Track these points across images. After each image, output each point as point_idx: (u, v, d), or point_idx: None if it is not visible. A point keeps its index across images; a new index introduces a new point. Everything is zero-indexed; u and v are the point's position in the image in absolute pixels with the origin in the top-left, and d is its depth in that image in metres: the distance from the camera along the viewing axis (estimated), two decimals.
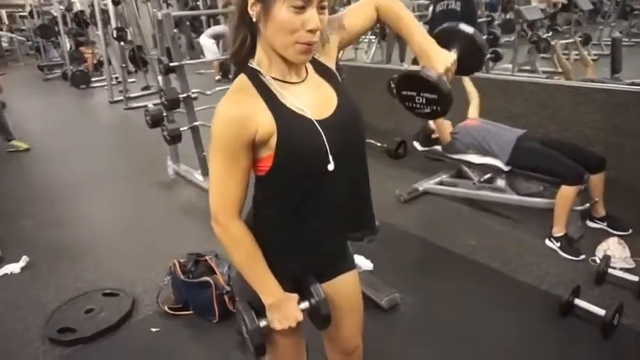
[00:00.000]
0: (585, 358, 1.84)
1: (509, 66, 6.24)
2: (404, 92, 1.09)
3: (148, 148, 4.68)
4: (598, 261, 2.32)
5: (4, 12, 19.90)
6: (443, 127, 2.99)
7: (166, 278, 2.33)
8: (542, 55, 5.99)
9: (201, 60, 6.81)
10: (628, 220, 2.61)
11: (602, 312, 1.86)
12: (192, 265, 2.28)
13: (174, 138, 3.57)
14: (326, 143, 0.94)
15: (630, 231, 2.56)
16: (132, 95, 7.20)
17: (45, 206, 3.64)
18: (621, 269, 2.22)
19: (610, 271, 2.18)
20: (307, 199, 1.00)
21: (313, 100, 0.99)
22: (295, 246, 1.06)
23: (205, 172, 3.75)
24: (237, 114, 0.92)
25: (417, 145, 3.24)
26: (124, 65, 7.13)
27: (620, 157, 2.58)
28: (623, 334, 1.86)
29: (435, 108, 1.06)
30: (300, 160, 0.95)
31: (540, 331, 1.97)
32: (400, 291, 2.20)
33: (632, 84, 3.93)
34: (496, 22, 6.80)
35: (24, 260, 2.76)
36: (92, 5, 8.30)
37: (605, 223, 2.63)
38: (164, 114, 3.60)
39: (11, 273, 2.69)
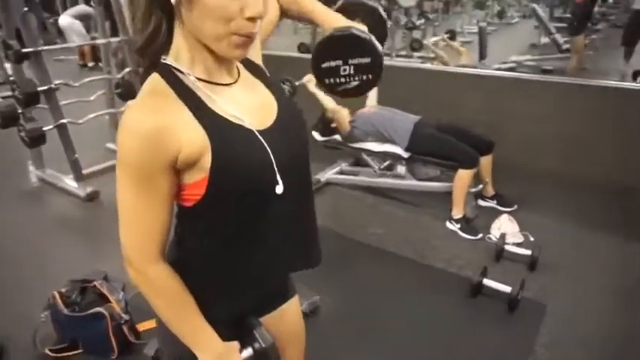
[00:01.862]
0: (496, 333, 1.95)
1: (387, 51, 6.55)
2: (325, 65, 0.91)
3: (4, 148, 3.92)
4: (494, 238, 2.49)
5: None
6: (341, 115, 2.96)
7: (44, 314, 1.94)
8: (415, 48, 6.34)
9: (66, 45, 5.90)
10: (513, 197, 2.86)
11: (508, 289, 1.99)
12: (78, 295, 1.93)
13: (36, 140, 2.99)
14: (273, 160, 0.76)
15: (516, 206, 2.80)
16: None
17: None
18: (514, 244, 2.40)
19: (505, 247, 2.34)
20: (248, 229, 0.81)
21: (250, 105, 0.80)
22: (233, 286, 0.87)
23: (79, 177, 3.25)
24: (152, 125, 0.69)
25: (316, 135, 3.16)
26: None
27: (500, 137, 2.81)
28: (524, 306, 2.02)
29: (365, 77, 0.90)
30: (243, 183, 0.75)
31: (454, 313, 2.06)
32: (317, 291, 2.11)
33: (499, 69, 4.34)
34: None
35: None
36: None
37: (495, 202, 2.84)
38: (19, 111, 3.01)
39: None
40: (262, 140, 0.76)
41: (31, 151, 3.31)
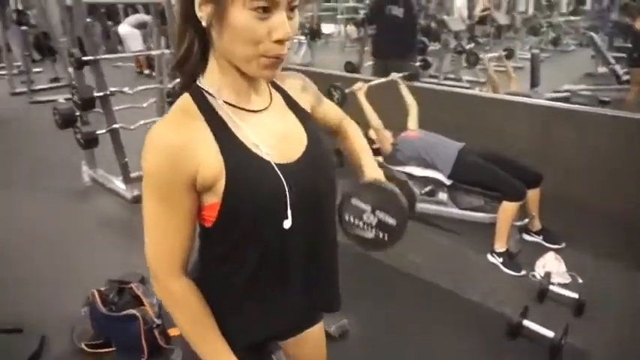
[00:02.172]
0: None
1: (433, 74, 6.48)
2: (354, 201, 0.88)
3: (58, 149, 4.13)
4: (538, 276, 2.37)
5: None
6: (384, 137, 2.93)
7: (83, 310, 2.01)
8: (467, 66, 6.24)
9: (123, 55, 6.23)
10: (561, 233, 2.72)
11: (550, 334, 1.88)
12: (115, 295, 1.99)
13: (89, 142, 3.15)
14: (287, 195, 0.75)
15: (564, 244, 2.66)
16: (38, 87, 6.44)
17: None
18: (559, 284, 2.28)
19: (550, 287, 2.22)
20: (260, 260, 0.80)
21: (276, 135, 0.79)
22: (249, 313, 0.86)
23: (127, 179, 3.38)
24: (173, 143, 0.71)
25: None
26: (26, 53, 6.34)
27: (549, 170, 2.70)
28: (568, 353, 1.89)
29: (382, 235, 0.87)
30: (253, 213, 0.75)
31: (488, 353, 1.96)
32: (347, 315, 2.08)
33: (554, 99, 4.19)
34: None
35: None
36: None
37: (541, 237, 2.72)
38: (77, 114, 3.18)
39: None
40: (279, 173, 0.75)
41: (85, 152, 3.47)
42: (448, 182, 2.73)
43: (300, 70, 4.87)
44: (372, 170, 0.98)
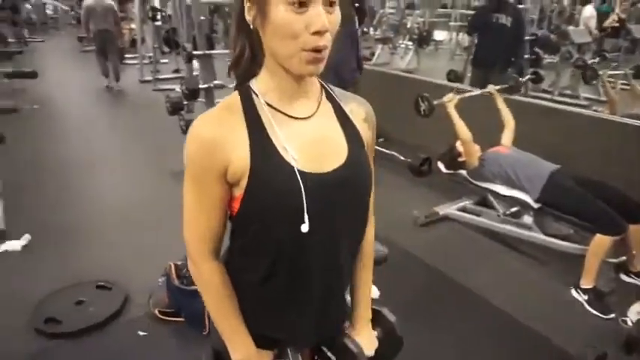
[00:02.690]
0: None
1: (547, 89, 5.99)
2: (324, 349, 0.98)
3: (169, 133, 4.59)
4: (630, 323, 2.10)
5: None
6: (471, 151, 2.81)
7: (161, 279, 2.23)
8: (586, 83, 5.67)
9: (226, 51, 6.69)
10: None
11: None
12: (188, 271, 2.17)
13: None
14: (304, 201, 0.76)
15: None
16: (162, 77, 7.17)
17: (57, 184, 3.60)
18: None
19: None
20: (279, 261, 0.83)
21: (312, 144, 0.80)
22: (269, 308, 0.91)
23: None
24: (208, 135, 0.77)
25: (441, 166, 3.06)
26: (156, 46, 7.11)
27: None
28: None
29: None
30: (267, 214, 0.79)
31: None
32: (402, 323, 2.03)
33: None
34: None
35: (25, 239, 2.72)
36: None
37: None
38: (184, 102, 3.51)
39: (11, 250, 2.64)
40: (299, 178, 0.76)
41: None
42: (535, 205, 2.54)
43: (404, 78, 4.86)
44: (363, 311, 1.00)
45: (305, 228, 0.77)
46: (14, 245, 2.66)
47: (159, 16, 7.33)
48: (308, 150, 0.80)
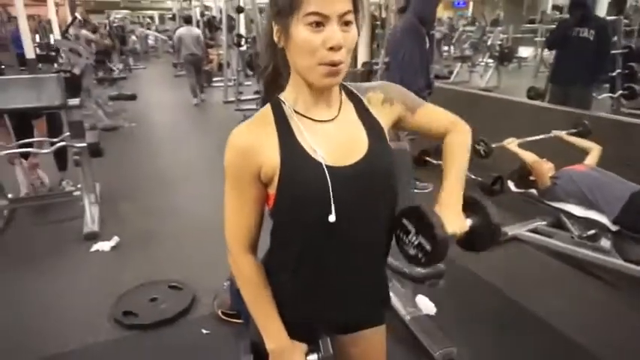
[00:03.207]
0: None
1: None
2: (405, 220, 0.94)
3: None
4: None
5: (156, 13, 22.65)
6: (542, 169, 2.68)
7: (225, 283, 2.38)
8: None
9: None
10: None
11: None
12: None
13: None
14: (330, 192, 0.84)
15: None
16: (244, 98, 7.65)
17: (146, 193, 3.99)
18: None
19: None
20: (312, 250, 0.91)
21: (336, 142, 0.89)
22: (304, 296, 0.98)
23: None
24: (243, 144, 0.87)
25: (511, 185, 2.94)
26: (239, 69, 7.61)
27: None
28: None
29: (419, 257, 0.91)
30: (299, 206, 0.87)
31: None
32: (458, 344, 1.99)
33: None
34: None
35: (114, 240, 3.04)
36: (221, 12, 9.04)
37: None
38: None
39: (102, 250, 2.97)
40: (326, 173, 0.84)
41: None
42: (613, 228, 2.35)
43: (481, 96, 4.77)
44: (445, 195, 0.97)
45: (332, 218, 0.85)
46: (104, 246, 2.99)
47: (243, 42, 7.87)
48: (332, 147, 0.88)
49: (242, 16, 8.65)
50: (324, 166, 0.85)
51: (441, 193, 0.98)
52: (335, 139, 0.89)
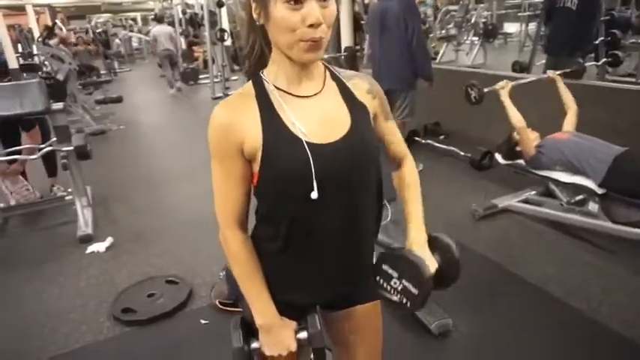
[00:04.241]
0: None
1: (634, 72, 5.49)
2: (384, 267, 0.94)
3: None
4: None
5: (138, 15, 22.42)
6: (528, 138, 2.70)
7: (222, 273, 2.40)
8: None
9: None
10: None
11: None
12: None
13: None
14: (312, 168, 0.84)
15: None
16: (232, 93, 7.60)
17: (137, 193, 3.99)
18: None
19: None
20: (296, 227, 0.92)
21: (318, 118, 0.89)
22: (291, 274, 0.99)
23: None
24: (224, 120, 0.87)
25: (498, 157, 2.97)
26: (224, 64, 7.56)
27: None
28: None
29: (404, 302, 0.91)
30: (281, 183, 0.87)
31: None
32: (454, 317, 2.02)
33: None
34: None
35: (109, 241, 3.05)
36: (202, 8, 8.98)
37: None
38: None
39: (97, 251, 2.97)
40: (307, 149, 0.85)
41: None
42: (600, 191, 2.38)
43: (467, 73, 4.79)
44: (415, 235, 0.99)
45: (314, 195, 0.85)
46: (99, 247, 2.99)
47: (227, 37, 7.82)
48: (314, 124, 0.88)
49: (224, 10, 8.56)
50: (305, 143, 0.85)
51: (411, 232, 1.00)
52: (317, 116, 0.89)
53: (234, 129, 0.87)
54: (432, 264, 0.95)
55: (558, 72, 2.99)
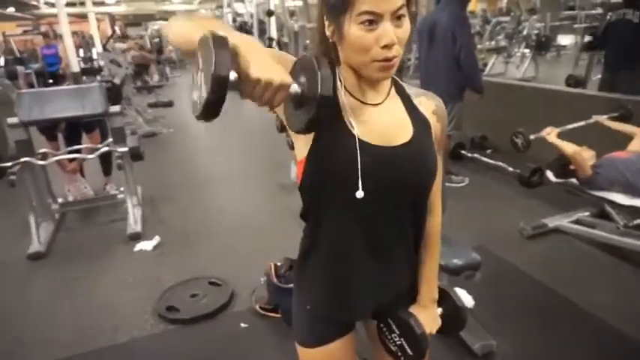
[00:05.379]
0: None
1: None
2: (390, 320, 1.02)
3: (278, 149, 4.95)
4: None
5: None
6: (582, 157, 2.59)
7: (262, 278, 2.43)
8: None
9: None
10: None
11: None
12: (287, 270, 2.34)
13: (293, 145, 3.71)
14: (359, 166, 0.83)
15: None
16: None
17: (184, 194, 4.12)
18: None
19: None
20: (340, 228, 0.91)
21: (379, 124, 0.89)
22: (335, 279, 0.97)
23: None
24: None
25: (550, 175, 2.86)
26: None
27: None
28: None
29: (399, 354, 1.02)
30: (327, 175, 0.86)
31: None
32: (498, 337, 1.95)
33: None
34: None
35: (156, 240, 3.16)
36: (252, 16, 9.22)
37: None
38: None
39: (145, 249, 3.09)
40: (357, 146, 0.84)
41: (292, 151, 4.09)
42: None
43: (519, 87, 4.66)
44: (426, 292, 1.05)
45: (360, 194, 0.83)
46: (147, 245, 3.11)
47: (274, 45, 7.99)
48: (375, 129, 0.88)
49: (272, 19, 8.76)
50: (357, 139, 0.84)
51: (422, 292, 1.05)
52: (379, 122, 0.89)
53: None
54: (434, 326, 1.04)
55: (604, 117, 2.87)
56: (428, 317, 1.03)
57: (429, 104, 0.96)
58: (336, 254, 0.95)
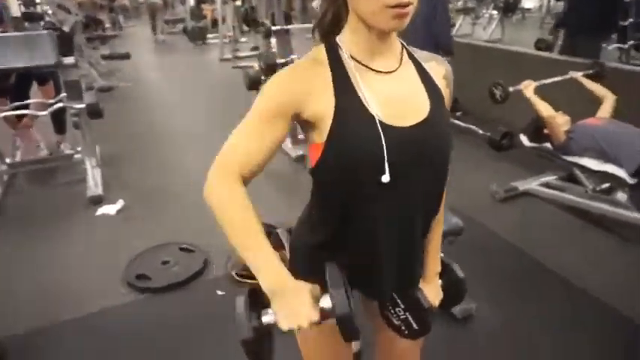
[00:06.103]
0: None
1: None
2: (395, 295, 0.96)
3: (247, 107, 4.76)
4: None
5: None
6: (557, 122, 2.60)
7: None
8: None
9: (309, 25, 6.75)
10: None
11: None
12: None
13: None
14: (385, 151, 0.77)
15: None
16: (241, 55, 7.41)
17: (147, 153, 3.91)
18: None
19: None
20: (357, 212, 0.83)
21: (395, 98, 0.81)
22: (346, 265, 0.87)
23: (295, 141, 3.74)
24: (291, 75, 0.80)
25: (524, 139, 2.88)
26: (235, 25, 7.33)
27: None
28: None
29: (402, 329, 0.97)
30: (349, 160, 0.78)
31: None
32: (477, 300, 1.98)
33: None
34: None
35: (120, 203, 2.99)
36: None
37: None
38: (262, 77, 3.61)
39: (108, 214, 2.91)
40: (380, 130, 0.77)
41: None
42: (631, 181, 2.31)
43: (486, 49, 4.59)
44: (431, 266, 1.02)
45: (386, 178, 0.77)
46: (110, 209, 2.94)
47: None
48: (391, 104, 0.80)
49: None
50: (379, 123, 0.77)
51: (428, 266, 1.02)
52: (394, 95, 0.82)
53: (296, 91, 0.79)
54: (437, 298, 1.02)
55: (580, 73, 2.88)
56: (432, 291, 1.01)
57: (439, 69, 0.90)
58: (360, 241, 0.87)
